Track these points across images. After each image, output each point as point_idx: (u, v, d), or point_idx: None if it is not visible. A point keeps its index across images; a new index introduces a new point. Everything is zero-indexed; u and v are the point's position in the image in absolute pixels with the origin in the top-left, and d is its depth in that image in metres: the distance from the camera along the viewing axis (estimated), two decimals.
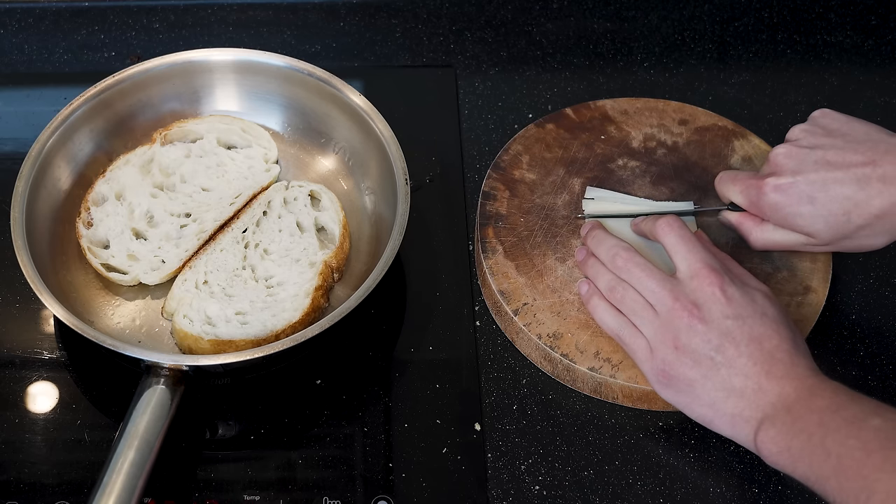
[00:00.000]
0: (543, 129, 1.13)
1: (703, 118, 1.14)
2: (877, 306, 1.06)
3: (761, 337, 0.88)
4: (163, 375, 0.92)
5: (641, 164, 1.11)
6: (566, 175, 1.10)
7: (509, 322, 1.02)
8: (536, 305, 1.01)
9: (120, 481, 0.86)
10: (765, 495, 0.95)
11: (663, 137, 1.13)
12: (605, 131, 1.13)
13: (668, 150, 1.12)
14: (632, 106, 1.15)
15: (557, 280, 1.02)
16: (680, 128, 1.14)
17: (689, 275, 0.91)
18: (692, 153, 1.11)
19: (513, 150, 1.11)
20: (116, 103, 1.10)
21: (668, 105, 1.15)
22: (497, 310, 1.03)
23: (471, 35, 1.27)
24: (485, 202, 1.08)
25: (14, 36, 1.26)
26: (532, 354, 1.01)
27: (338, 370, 1.01)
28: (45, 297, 0.94)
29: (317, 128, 1.13)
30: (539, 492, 0.95)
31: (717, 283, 0.90)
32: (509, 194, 1.08)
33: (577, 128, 1.13)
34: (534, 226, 1.06)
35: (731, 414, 0.87)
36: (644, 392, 0.97)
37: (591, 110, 1.15)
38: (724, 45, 1.27)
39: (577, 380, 0.99)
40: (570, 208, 1.07)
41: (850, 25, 1.29)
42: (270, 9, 1.29)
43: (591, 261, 0.99)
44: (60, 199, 1.06)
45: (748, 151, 1.11)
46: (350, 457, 0.97)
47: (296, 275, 1.02)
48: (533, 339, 1.00)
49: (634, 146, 1.12)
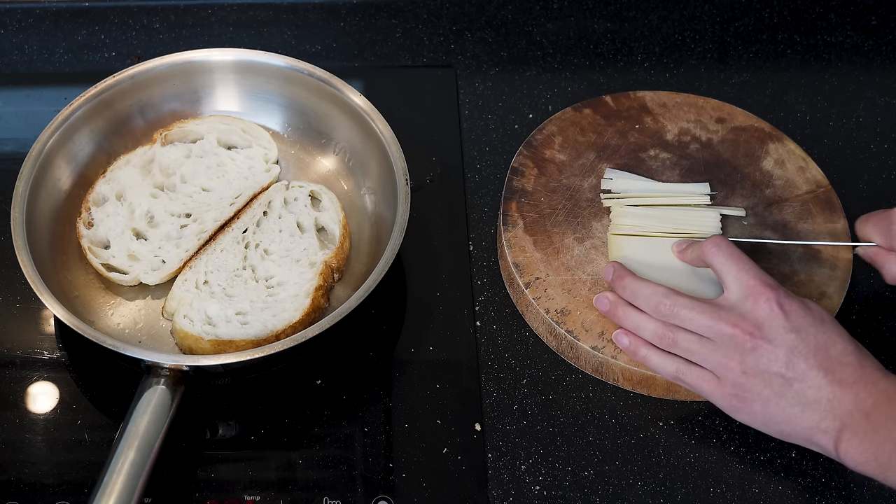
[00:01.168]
0: (580, 114, 1.14)
1: (741, 118, 1.15)
2: (878, 306, 1.06)
3: (826, 344, 0.88)
4: (163, 375, 0.92)
5: (673, 157, 1.11)
6: (596, 160, 1.11)
7: (520, 294, 1.03)
8: (549, 281, 1.02)
9: (120, 481, 0.86)
10: (765, 495, 0.95)
11: (698, 133, 1.13)
12: (640, 121, 1.14)
13: (702, 146, 1.12)
14: (671, 99, 1.16)
15: (573, 259, 1.04)
16: (716, 125, 1.14)
17: (744, 294, 0.90)
18: (725, 151, 1.12)
19: (547, 131, 1.13)
20: (116, 103, 1.10)
21: (708, 102, 1.16)
22: (510, 282, 1.05)
23: (471, 35, 1.27)
24: (512, 177, 1.09)
25: (14, 36, 1.26)
26: (539, 328, 1.03)
27: (338, 370, 1.01)
28: (45, 297, 0.94)
29: (317, 128, 1.13)
30: (539, 492, 0.95)
31: (773, 299, 0.89)
32: (537, 172, 1.09)
33: (613, 115, 1.14)
34: (557, 205, 1.07)
35: (808, 427, 0.87)
36: (644, 376, 0.98)
37: (629, 100, 1.16)
38: (724, 45, 1.27)
39: (580, 358, 1.00)
40: (595, 192, 1.08)
41: (851, 25, 1.29)
42: (270, 9, 1.29)
43: (625, 310, 0.97)
44: (60, 199, 1.06)
45: (782, 155, 1.12)
46: (350, 457, 0.97)
47: (296, 275, 1.02)
48: (541, 313, 1.01)
49: (668, 139, 1.13)
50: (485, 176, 1.15)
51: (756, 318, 0.89)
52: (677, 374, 0.94)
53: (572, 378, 1.01)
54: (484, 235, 1.10)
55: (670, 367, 0.94)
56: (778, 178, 1.10)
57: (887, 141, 1.19)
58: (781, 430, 0.89)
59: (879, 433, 0.84)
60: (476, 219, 1.12)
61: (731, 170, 1.11)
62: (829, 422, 0.86)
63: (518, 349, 1.03)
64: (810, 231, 1.06)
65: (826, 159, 1.16)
